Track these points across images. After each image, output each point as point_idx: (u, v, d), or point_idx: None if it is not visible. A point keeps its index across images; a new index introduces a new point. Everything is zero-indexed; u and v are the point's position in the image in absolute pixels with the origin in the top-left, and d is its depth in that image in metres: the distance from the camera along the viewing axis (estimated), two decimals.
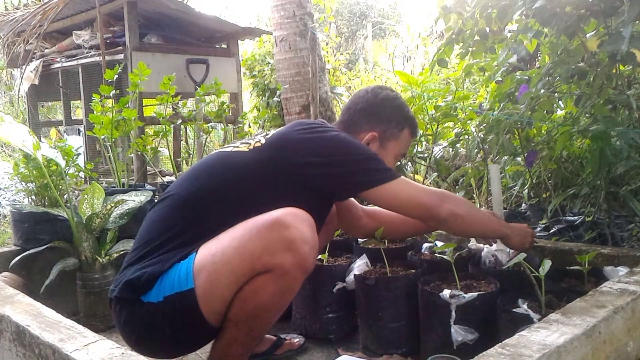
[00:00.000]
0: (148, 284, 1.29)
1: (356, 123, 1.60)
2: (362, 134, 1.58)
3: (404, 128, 1.63)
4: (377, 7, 11.67)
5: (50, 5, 3.55)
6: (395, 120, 1.62)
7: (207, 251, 1.30)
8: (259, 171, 1.39)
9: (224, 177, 1.41)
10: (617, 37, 1.41)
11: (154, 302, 1.28)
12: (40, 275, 2.09)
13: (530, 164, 2.22)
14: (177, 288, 1.27)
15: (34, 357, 1.19)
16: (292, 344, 1.77)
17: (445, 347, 1.49)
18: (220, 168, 1.43)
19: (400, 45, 8.31)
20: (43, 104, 6.14)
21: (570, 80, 1.76)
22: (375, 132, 1.59)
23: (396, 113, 1.62)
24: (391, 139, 1.61)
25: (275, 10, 4.61)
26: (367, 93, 1.63)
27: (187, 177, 1.47)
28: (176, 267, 1.30)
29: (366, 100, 1.62)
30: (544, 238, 1.96)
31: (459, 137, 2.60)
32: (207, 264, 1.27)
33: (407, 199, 1.44)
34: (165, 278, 1.29)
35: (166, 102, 2.85)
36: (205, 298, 1.27)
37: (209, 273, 1.26)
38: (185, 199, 1.40)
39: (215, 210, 1.37)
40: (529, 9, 1.64)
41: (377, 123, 1.60)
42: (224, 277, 1.26)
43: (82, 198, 2.18)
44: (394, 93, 1.65)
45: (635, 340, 1.27)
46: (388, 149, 1.61)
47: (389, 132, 1.60)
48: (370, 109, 1.61)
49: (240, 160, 1.42)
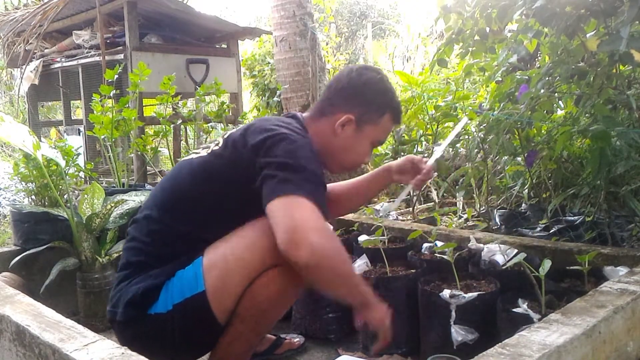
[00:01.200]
0: (153, 296, 1.29)
1: (334, 103, 1.50)
2: (338, 115, 1.47)
3: (384, 114, 1.51)
4: (377, 7, 11.67)
5: (50, 5, 3.55)
6: (376, 104, 1.49)
7: (215, 252, 1.31)
8: (217, 171, 1.37)
9: (189, 184, 1.39)
10: (616, 38, 1.41)
11: (163, 312, 1.29)
12: (40, 275, 2.09)
13: (530, 164, 2.22)
14: (187, 293, 1.28)
15: (34, 357, 1.19)
16: (291, 344, 1.77)
17: (445, 347, 1.49)
18: (184, 177, 1.41)
19: (400, 45, 8.30)
20: (43, 104, 6.14)
21: (570, 80, 1.76)
22: (352, 115, 1.47)
23: (378, 97, 1.50)
24: (369, 123, 1.49)
25: (275, 10, 4.61)
26: (350, 72, 1.52)
27: (159, 190, 1.45)
28: (180, 273, 1.31)
29: (348, 80, 1.51)
30: (544, 238, 1.96)
31: (459, 137, 2.60)
32: (217, 263, 1.29)
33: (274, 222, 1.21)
34: (171, 286, 1.30)
35: (166, 102, 2.85)
36: (217, 298, 1.29)
37: (220, 271, 1.28)
38: (158, 218, 1.38)
39: (192, 216, 1.36)
40: (529, 9, 1.64)
41: (355, 105, 1.48)
42: (236, 273, 1.28)
43: (82, 198, 2.18)
44: (379, 76, 1.53)
45: (635, 340, 1.26)
46: (364, 133, 1.49)
47: (367, 116, 1.48)
48: (351, 90, 1.49)
49: (200, 165, 1.40)
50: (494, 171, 2.68)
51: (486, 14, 1.88)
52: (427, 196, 3.67)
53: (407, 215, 3.25)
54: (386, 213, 1.85)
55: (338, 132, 1.47)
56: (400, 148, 2.76)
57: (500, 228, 2.26)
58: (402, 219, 3.01)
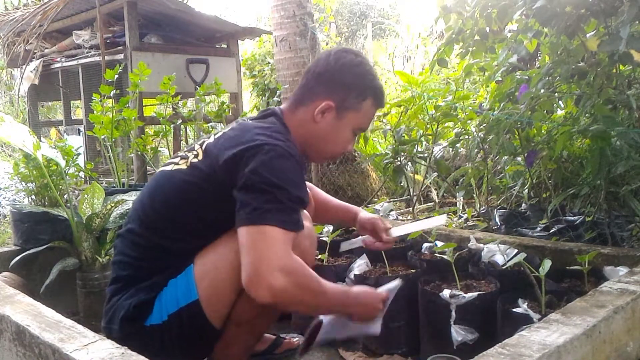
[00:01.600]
0: (147, 308, 1.30)
1: (312, 89, 1.41)
2: (317, 102, 1.39)
3: (365, 98, 1.41)
4: (377, 7, 11.67)
5: (50, 5, 3.55)
6: (357, 89, 1.40)
7: (205, 260, 1.31)
8: (195, 189, 1.32)
9: (166, 202, 1.35)
10: (616, 38, 1.41)
11: (158, 323, 1.29)
12: (40, 275, 2.09)
13: (530, 164, 2.22)
14: (181, 302, 1.29)
15: (34, 357, 1.19)
16: (291, 343, 1.77)
17: (445, 347, 1.49)
18: (164, 194, 1.36)
19: (400, 45, 8.30)
20: (43, 104, 6.14)
21: (570, 80, 1.77)
22: (331, 101, 1.38)
23: (358, 81, 1.41)
24: (350, 110, 1.40)
25: (275, 10, 4.61)
26: (328, 56, 1.43)
27: (139, 205, 1.42)
28: (173, 283, 1.31)
29: (326, 64, 1.41)
30: (544, 238, 1.96)
31: (459, 137, 2.60)
32: (209, 271, 1.29)
33: (246, 251, 1.17)
34: (164, 297, 1.30)
35: (166, 102, 2.85)
36: (211, 305, 1.29)
37: (212, 280, 1.28)
38: (141, 233, 1.36)
39: (174, 233, 1.34)
40: (529, 9, 1.64)
41: (335, 91, 1.39)
42: (227, 280, 1.28)
43: (82, 198, 2.18)
44: (359, 58, 1.43)
45: (635, 340, 1.26)
46: (345, 120, 1.41)
47: (347, 102, 1.39)
48: (329, 75, 1.40)
49: (178, 183, 1.34)
50: (494, 171, 2.68)
51: (486, 14, 1.88)
52: (427, 196, 3.67)
53: (407, 215, 3.25)
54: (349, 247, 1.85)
55: (318, 119, 1.39)
56: (400, 148, 2.76)
57: (500, 228, 2.26)
58: (402, 219, 3.01)
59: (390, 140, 3.28)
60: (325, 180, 3.71)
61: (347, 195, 3.69)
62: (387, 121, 3.08)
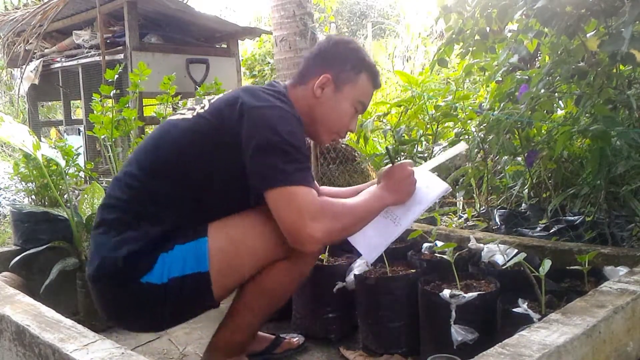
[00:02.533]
0: (146, 264, 1.28)
1: (309, 69, 1.51)
2: (315, 78, 1.47)
3: (360, 71, 1.50)
4: (377, 7, 11.67)
5: (50, 5, 3.55)
6: (351, 62, 1.49)
7: (222, 235, 1.32)
8: (199, 141, 1.36)
9: (170, 150, 1.37)
10: (618, 38, 1.41)
11: (157, 283, 1.28)
12: (40, 275, 2.09)
13: (530, 164, 2.22)
14: (188, 270, 1.29)
15: (34, 357, 1.19)
16: (291, 343, 1.77)
17: (445, 347, 1.49)
18: (171, 140, 1.39)
19: (400, 45, 8.30)
20: (43, 104, 6.14)
21: (570, 80, 1.77)
22: (328, 74, 1.47)
23: (351, 55, 1.50)
24: (347, 83, 1.48)
25: (275, 10, 4.61)
26: (322, 41, 1.56)
27: (142, 151, 1.43)
28: (180, 248, 1.30)
29: (322, 47, 1.53)
30: (544, 238, 1.96)
31: (459, 137, 2.60)
32: (226, 247, 1.31)
33: (278, 214, 1.28)
34: (169, 259, 1.29)
35: (166, 102, 2.85)
36: (220, 279, 1.31)
37: (229, 256, 1.31)
38: (139, 177, 1.36)
39: (175, 178, 1.35)
40: (530, 9, 1.64)
41: (330, 65, 1.48)
42: (246, 260, 1.32)
43: (82, 198, 2.18)
44: (349, 39, 1.56)
45: (635, 340, 1.26)
46: (345, 92, 1.48)
47: (344, 74, 1.48)
48: (323, 53, 1.51)
49: (185, 129, 1.38)
50: (494, 171, 2.68)
51: (486, 14, 1.88)
52: None
53: None
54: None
55: (318, 94, 1.47)
56: (401, 148, 2.76)
57: (500, 228, 2.26)
58: None
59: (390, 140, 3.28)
60: (325, 180, 3.71)
61: None
62: (387, 121, 3.08)
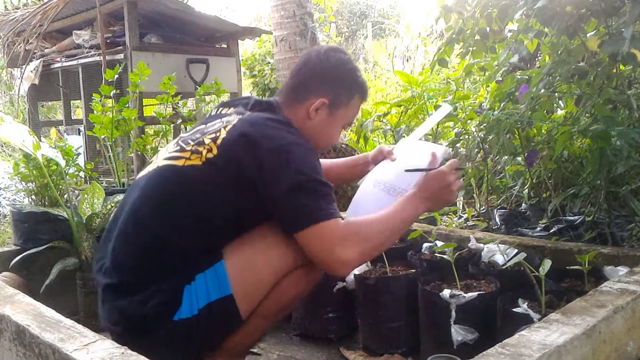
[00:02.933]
0: (174, 303, 1.27)
1: (306, 87, 1.48)
2: (312, 99, 1.46)
3: (354, 94, 1.51)
4: (377, 7, 11.67)
5: (50, 5, 3.55)
6: (347, 86, 1.50)
7: (239, 256, 1.31)
8: (216, 191, 1.31)
9: (182, 205, 1.31)
10: (619, 38, 1.41)
11: (188, 317, 1.27)
12: (40, 275, 2.09)
13: (531, 164, 2.22)
14: (213, 296, 1.28)
15: (34, 357, 1.19)
16: None
17: (445, 347, 1.49)
18: (176, 194, 1.32)
19: (400, 45, 8.30)
20: (43, 104, 6.14)
21: (570, 80, 1.76)
22: (325, 99, 1.46)
23: (348, 78, 1.50)
24: (341, 107, 1.49)
25: (275, 10, 4.61)
26: (319, 54, 1.51)
27: (138, 203, 1.35)
28: (201, 277, 1.29)
29: (319, 62, 1.49)
30: (544, 238, 1.96)
31: (459, 137, 2.60)
32: (245, 266, 1.31)
33: (310, 251, 1.29)
34: (193, 290, 1.28)
35: (166, 102, 2.85)
36: (245, 299, 1.31)
37: (249, 275, 1.31)
38: (155, 230, 1.31)
39: (192, 234, 1.31)
40: (530, 9, 1.64)
41: (328, 89, 1.47)
42: (266, 275, 1.32)
43: (82, 198, 2.18)
44: (347, 56, 1.53)
45: (635, 340, 1.26)
46: (337, 117, 1.49)
47: (339, 99, 1.48)
48: (323, 73, 1.48)
49: (193, 180, 1.31)
50: (494, 171, 2.68)
51: (487, 14, 1.88)
52: None
53: None
54: None
55: (312, 116, 1.47)
56: None
57: (500, 228, 2.26)
58: None
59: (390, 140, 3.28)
60: None
61: (348, 195, 3.69)
62: (387, 121, 3.08)
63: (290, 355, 1.75)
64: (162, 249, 1.31)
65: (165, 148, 1.47)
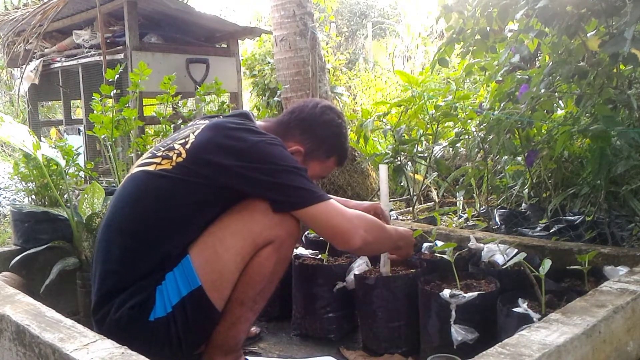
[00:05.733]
0: (148, 304, 1.32)
1: (291, 129, 1.58)
2: (290, 142, 1.54)
3: (331, 156, 1.62)
4: (377, 6, 11.66)
5: (50, 5, 3.55)
6: (327, 146, 1.60)
7: (202, 248, 1.35)
8: (186, 193, 1.36)
9: (154, 207, 1.37)
10: (619, 39, 1.41)
11: (163, 315, 1.32)
12: (40, 275, 2.08)
13: (531, 164, 2.22)
14: (183, 292, 1.32)
15: (34, 357, 1.19)
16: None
17: (445, 346, 1.49)
18: (148, 197, 1.38)
19: (400, 44, 8.30)
20: (43, 104, 6.14)
21: (570, 80, 1.77)
22: (302, 147, 1.56)
23: (331, 140, 1.60)
24: (315, 160, 1.59)
25: (275, 9, 4.61)
26: (315, 106, 1.60)
27: (119, 211, 1.42)
28: (169, 276, 1.34)
29: (310, 114, 1.59)
30: (544, 238, 1.96)
31: (459, 137, 2.60)
32: (209, 257, 1.34)
33: (326, 225, 1.39)
34: (165, 289, 1.33)
35: (166, 102, 2.85)
36: (215, 288, 1.34)
37: (214, 264, 1.34)
38: (129, 233, 1.37)
39: (164, 236, 1.37)
40: (531, 9, 1.64)
41: (308, 140, 1.57)
42: (230, 261, 1.35)
43: (82, 198, 2.18)
44: (339, 120, 1.62)
45: (635, 340, 1.26)
46: (308, 166, 1.55)
47: (316, 153, 1.58)
48: (309, 124, 1.58)
49: (164, 184, 1.37)
50: (494, 171, 2.68)
51: (487, 13, 1.88)
52: (427, 196, 3.68)
53: (407, 214, 3.25)
54: None
55: None
56: (401, 148, 2.75)
57: (500, 228, 2.26)
58: (402, 219, 3.01)
59: (390, 140, 3.28)
60: (325, 180, 3.71)
61: (347, 194, 3.69)
62: (387, 121, 3.08)
63: (290, 355, 1.75)
64: (135, 253, 1.36)
65: (141, 157, 1.52)
